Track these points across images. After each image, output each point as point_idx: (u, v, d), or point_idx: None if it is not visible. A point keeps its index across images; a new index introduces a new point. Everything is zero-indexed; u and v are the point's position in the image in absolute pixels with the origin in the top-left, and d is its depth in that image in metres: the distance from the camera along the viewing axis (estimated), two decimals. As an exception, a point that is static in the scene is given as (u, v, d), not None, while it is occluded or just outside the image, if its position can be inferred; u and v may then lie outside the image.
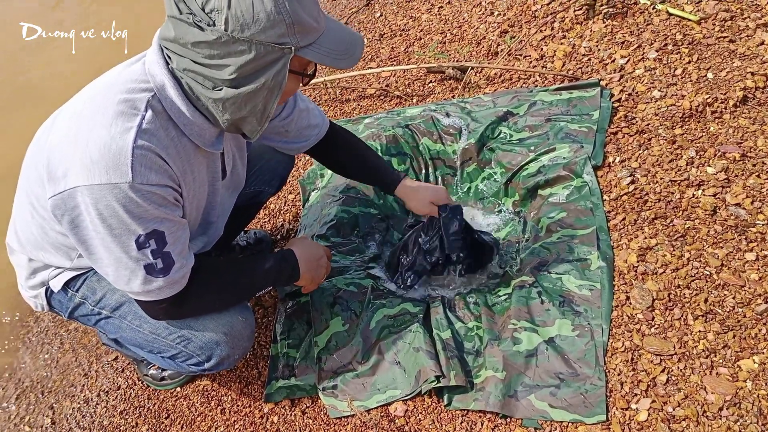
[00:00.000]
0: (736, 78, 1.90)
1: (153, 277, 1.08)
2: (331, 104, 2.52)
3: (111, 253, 1.05)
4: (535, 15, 2.49)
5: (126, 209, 1.00)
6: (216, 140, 1.14)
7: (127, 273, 1.07)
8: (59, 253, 1.23)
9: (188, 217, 1.18)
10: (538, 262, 1.57)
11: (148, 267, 1.07)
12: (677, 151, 1.74)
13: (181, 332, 1.27)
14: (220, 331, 1.27)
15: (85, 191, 0.98)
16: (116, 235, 1.02)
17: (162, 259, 1.07)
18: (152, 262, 1.06)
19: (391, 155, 2.00)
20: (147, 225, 1.03)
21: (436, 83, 2.41)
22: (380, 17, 3.01)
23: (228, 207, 1.38)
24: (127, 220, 1.01)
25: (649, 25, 2.22)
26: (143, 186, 1.00)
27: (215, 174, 1.22)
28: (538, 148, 1.87)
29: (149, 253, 1.06)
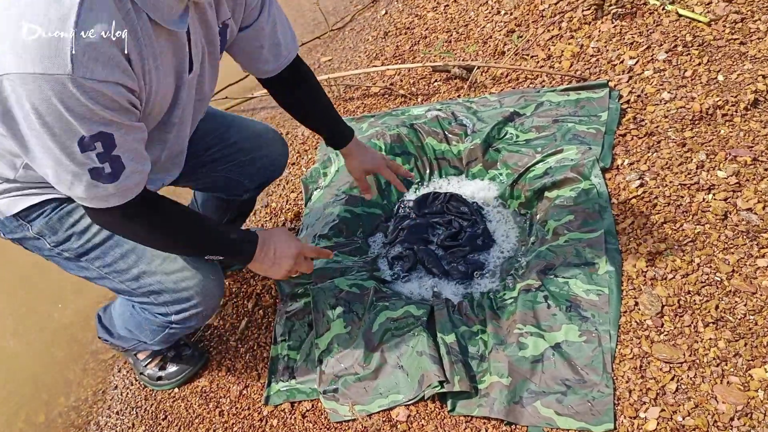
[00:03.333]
0: (747, 80, 1.87)
1: (100, 183, 0.95)
2: (334, 102, 2.48)
3: (50, 154, 0.90)
4: (543, 14, 2.46)
5: (66, 107, 0.84)
6: (179, 18, 0.98)
7: (69, 177, 0.93)
8: (2, 161, 1.10)
9: (150, 111, 1.03)
10: (544, 266, 1.54)
11: (94, 171, 0.93)
12: (687, 154, 1.71)
13: (151, 286, 1.25)
14: (192, 289, 1.26)
15: (16, 80, 0.82)
16: (55, 135, 0.87)
17: (110, 163, 0.94)
18: (99, 166, 0.93)
19: (395, 154, 1.97)
20: (92, 127, 0.88)
21: (441, 82, 2.38)
22: (385, 15, 2.98)
23: (189, 115, 1.19)
24: (67, 119, 0.86)
25: (658, 26, 2.19)
26: (87, 81, 0.83)
27: (182, 64, 1.06)
28: (545, 149, 1.84)
29: (95, 157, 0.92)
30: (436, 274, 1.68)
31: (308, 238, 1.78)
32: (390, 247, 1.78)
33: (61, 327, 1.95)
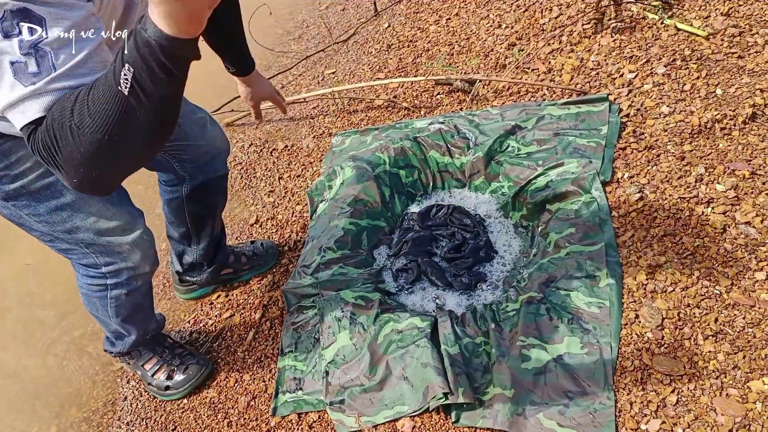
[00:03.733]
0: (745, 94, 1.90)
1: (20, 83, 0.77)
2: (339, 115, 2.52)
3: None
4: (543, 28, 2.50)
5: None
6: None
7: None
8: None
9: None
10: (546, 278, 1.57)
11: (15, 66, 0.78)
12: (686, 167, 1.74)
13: (82, 241, 1.27)
14: (122, 245, 1.30)
15: None
16: None
17: (36, 58, 0.78)
18: (20, 60, 0.77)
19: (399, 167, 2.01)
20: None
21: (444, 95, 2.41)
22: (388, 28, 3.02)
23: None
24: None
25: (657, 40, 2.22)
26: None
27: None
28: (547, 162, 1.87)
29: (16, 46, 0.77)
30: (439, 285, 1.71)
31: (314, 249, 1.81)
32: (394, 259, 1.81)
33: (72, 339, 1.98)
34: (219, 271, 1.87)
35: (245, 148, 2.53)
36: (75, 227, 1.24)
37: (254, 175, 2.37)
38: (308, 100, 2.61)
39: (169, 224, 1.73)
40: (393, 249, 1.85)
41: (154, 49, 0.71)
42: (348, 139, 2.28)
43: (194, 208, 1.67)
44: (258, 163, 2.42)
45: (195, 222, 1.71)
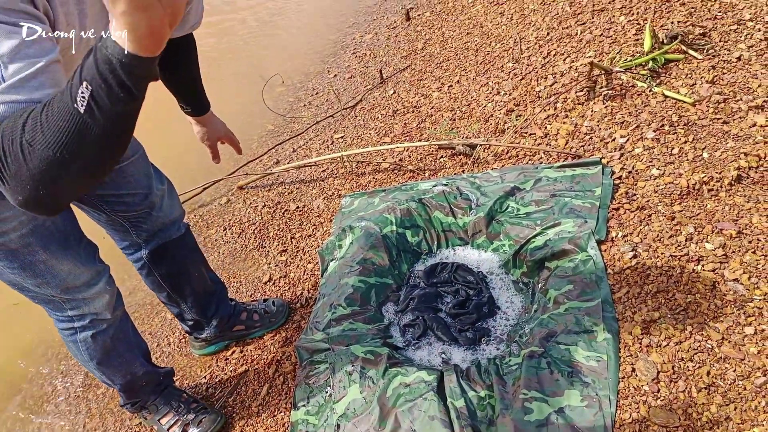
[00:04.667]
0: (731, 158, 2.02)
1: None
2: (347, 177, 2.65)
3: None
4: (539, 95, 2.66)
5: None
6: None
7: None
8: None
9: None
10: (546, 333, 1.65)
11: None
12: (677, 227, 1.84)
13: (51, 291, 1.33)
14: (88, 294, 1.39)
15: None
16: None
17: None
18: None
19: (405, 227, 2.12)
20: None
21: (447, 158, 2.55)
22: (393, 94, 3.20)
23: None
24: None
25: (646, 107, 2.37)
26: None
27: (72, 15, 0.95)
28: (544, 222, 1.98)
29: None
30: (445, 340, 1.79)
31: (325, 306, 1.90)
32: (401, 315, 1.90)
33: (95, 397, 2.04)
34: (227, 326, 1.95)
35: (258, 209, 2.65)
36: (45, 282, 1.33)
37: (267, 235, 2.49)
38: (319, 164, 2.75)
39: (153, 292, 1.80)
40: (400, 305, 1.93)
41: (114, 66, 0.71)
42: (356, 200, 2.41)
43: (162, 270, 1.70)
44: (271, 224, 2.54)
45: (171, 284, 1.75)
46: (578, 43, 2.91)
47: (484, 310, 1.85)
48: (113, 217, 1.53)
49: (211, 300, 1.87)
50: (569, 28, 3.07)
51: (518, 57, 3.03)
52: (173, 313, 1.86)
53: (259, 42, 4.13)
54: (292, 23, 4.26)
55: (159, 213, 1.60)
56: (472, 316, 1.83)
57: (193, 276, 1.78)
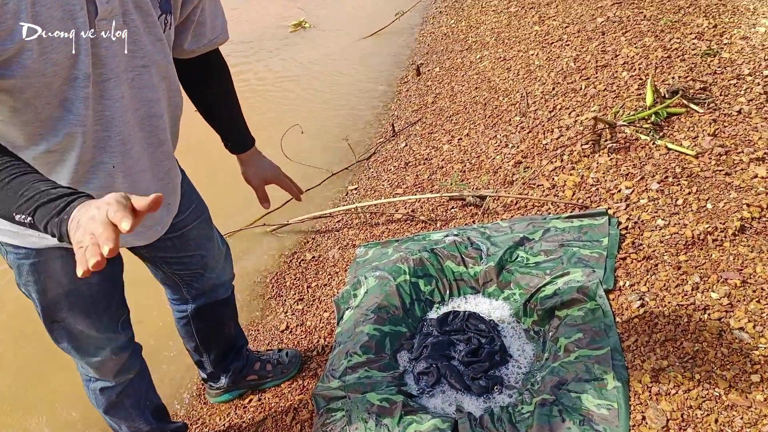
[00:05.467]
0: (734, 208, 2.09)
1: None
2: (361, 227, 2.74)
3: None
4: (546, 148, 2.76)
5: None
6: None
7: None
8: None
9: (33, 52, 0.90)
10: (557, 381, 1.69)
11: None
12: (682, 276, 1.89)
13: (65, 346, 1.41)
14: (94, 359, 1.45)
15: None
16: None
17: None
18: None
19: (418, 277, 2.19)
20: None
21: (457, 209, 2.63)
22: (405, 147, 3.32)
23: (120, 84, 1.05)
24: None
25: (650, 159, 2.45)
26: None
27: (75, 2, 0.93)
28: (554, 271, 2.04)
29: None
30: (458, 388, 1.83)
31: (341, 354, 1.95)
32: (415, 363, 1.94)
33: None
34: (240, 375, 2.00)
35: (275, 258, 2.74)
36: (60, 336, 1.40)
37: (284, 284, 2.56)
38: (334, 215, 2.84)
39: (181, 338, 1.86)
40: (414, 353, 1.98)
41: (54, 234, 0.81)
42: (371, 250, 2.49)
43: (200, 325, 1.77)
44: (287, 273, 2.62)
45: (203, 337, 1.81)
46: (583, 97, 3.03)
47: (496, 359, 1.89)
48: (170, 274, 1.59)
49: (230, 352, 1.93)
50: (574, 83, 3.20)
51: (525, 111, 3.15)
52: (193, 359, 1.92)
53: (278, 93, 4.30)
54: (309, 81, 4.44)
55: (212, 274, 1.65)
56: (485, 365, 1.87)
57: (224, 332, 1.84)
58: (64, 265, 1.26)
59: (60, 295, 1.31)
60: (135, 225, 0.71)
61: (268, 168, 1.64)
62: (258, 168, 1.63)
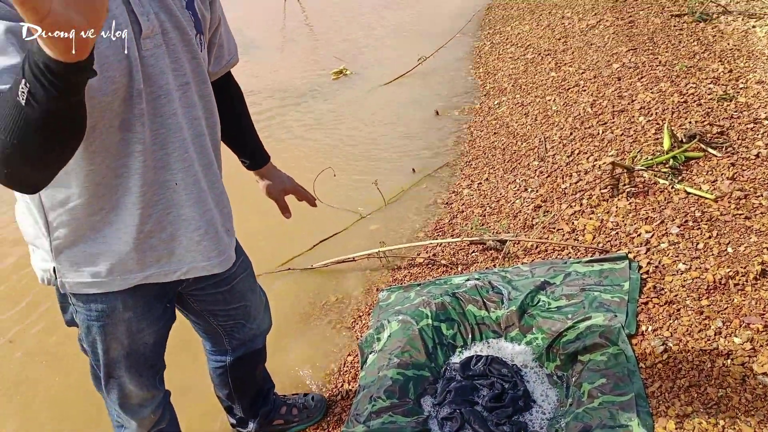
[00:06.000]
0: (754, 252, 2.10)
1: None
2: (383, 270, 2.79)
3: None
4: (565, 192, 2.80)
5: None
6: None
7: None
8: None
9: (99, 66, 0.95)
10: (582, 427, 1.69)
11: None
12: (705, 321, 1.90)
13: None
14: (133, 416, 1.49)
15: None
16: None
17: None
18: None
19: (440, 321, 2.22)
20: None
21: (478, 253, 2.67)
22: (425, 188, 3.38)
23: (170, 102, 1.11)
24: None
25: (669, 203, 2.48)
26: None
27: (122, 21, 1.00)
28: (575, 315, 2.06)
29: None
30: (482, 434, 1.84)
31: (365, 398, 1.98)
32: (439, 408, 1.96)
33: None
34: (266, 420, 2.03)
35: (300, 300, 2.78)
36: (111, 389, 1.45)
37: (308, 326, 2.60)
38: (357, 259, 2.90)
39: (214, 386, 1.90)
40: (437, 398, 2.00)
41: (42, 69, 0.75)
42: (393, 294, 2.53)
43: (237, 375, 1.81)
44: (311, 315, 2.66)
45: (237, 386, 1.85)
46: (600, 142, 3.09)
47: (520, 404, 1.90)
48: (215, 326, 1.63)
49: (258, 397, 1.97)
50: (591, 128, 3.26)
51: (543, 155, 3.21)
52: (223, 405, 1.96)
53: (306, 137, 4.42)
54: (335, 126, 4.56)
55: (253, 324, 1.69)
56: (509, 410, 1.88)
57: (256, 380, 1.88)
58: (128, 327, 1.33)
59: (121, 355, 1.37)
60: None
61: (286, 179, 1.71)
62: (277, 180, 1.69)
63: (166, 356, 1.52)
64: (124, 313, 1.29)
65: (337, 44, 6.26)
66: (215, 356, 1.78)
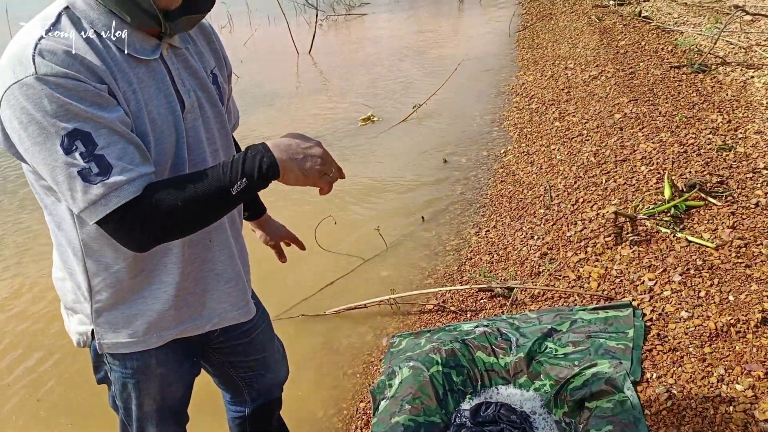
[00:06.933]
0: (754, 300, 2.16)
1: (91, 183, 0.99)
2: (393, 316, 2.86)
3: (42, 161, 0.99)
4: (570, 240, 2.89)
5: (39, 107, 0.95)
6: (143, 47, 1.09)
7: (66, 182, 0.99)
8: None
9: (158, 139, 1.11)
10: (589, 474, 1.73)
11: (83, 172, 0.98)
12: (708, 368, 1.96)
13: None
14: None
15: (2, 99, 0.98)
16: (39, 143, 0.97)
17: (95, 162, 0.98)
18: (85, 166, 0.98)
19: (450, 367, 2.28)
20: (66, 125, 0.96)
21: (486, 300, 2.75)
22: (434, 236, 3.48)
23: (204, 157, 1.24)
24: (43, 122, 0.96)
25: (671, 251, 2.56)
26: (49, 77, 0.95)
27: (170, 98, 1.14)
28: (582, 362, 2.12)
29: (78, 157, 0.97)
30: (492, 481, 1.88)
31: (377, 445, 2.03)
32: (449, 454, 2.00)
33: None
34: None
35: (312, 346, 2.85)
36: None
37: (321, 371, 2.66)
38: (369, 306, 2.97)
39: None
40: (448, 444, 2.05)
41: (265, 180, 1.05)
42: (404, 341, 2.59)
43: (255, 425, 1.84)
44: (324, 361, 2.72)
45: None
46: (603, 191, 3.19)
47: (528, 450, 1.94)
48: (235, 377, 1.68)
49: None
50: (595, 177, 3.37)
51: (549, 204, 3.31)
52: None
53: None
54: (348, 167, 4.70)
55: (271, 374, 1.74)
56: (518, 456, 1.92)
57: (273, 428, 1.91)
58: (161, 382, 1.40)
59: (153, 409, 1.44)
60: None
61: (281, 227, 1.80)
62: (274, 228, 1.78)
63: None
64: (157, 369, 1.36)
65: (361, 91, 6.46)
66: (234, 407, 1.83)
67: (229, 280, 1.35)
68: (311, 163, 1.09)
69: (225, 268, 1.34)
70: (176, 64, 1.17)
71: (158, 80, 1.12)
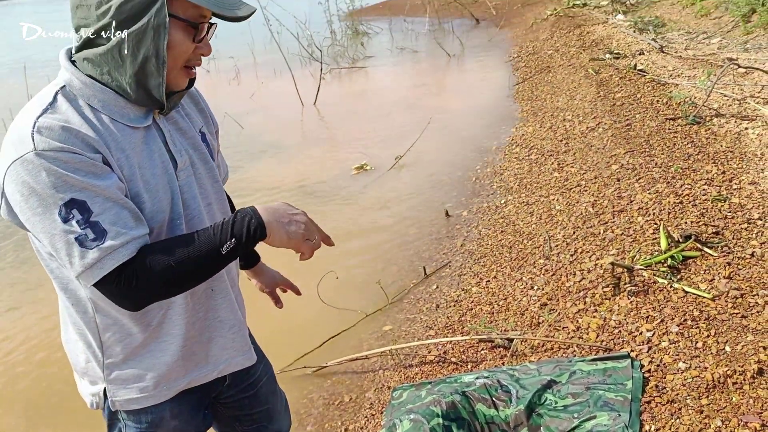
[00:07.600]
0: (751, 351, 2.18)
1: (87, 248, 1.06)
2: (395, 368, 2.88)
3: (45, 232, 1.07)
4: (569, 290, 2.93)
5: (38, 180, 1.03)
6: (137, 116, 1.17)
7: (64, 249, 1.07)
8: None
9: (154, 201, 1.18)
10: None
11: (80, 239, 1.06)
12: (705, 420, 1.97)
13: None
14: None
15: (1, 177, 1.06)
16: (40, 213, 1.05)
17: (91, 228, 1.06)
18: (82, 232, 1.06)
19: (450, 419, 2.29)
20: (63, 195, 1.04)
21: (487, 351, 2.77)
22: (436, 289, 3.52)
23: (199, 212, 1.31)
24: (42, 194, 1.03)
25: (668, 302, 2.59)
26: (47, 152, 1.02)
27: (163, 157, 1.22)
28: (581, 415, 2.13)
29: (75, 224, 1.05)
30: None
31: (377, 500, 2.02)
32: None
33: None
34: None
35: (314, 400, 2.87)
36: None
37: (323, 426, 2.67)
38: (370, 357, 3.00)
39: None
40: (448, 499, 2.04)
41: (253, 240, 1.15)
42: (405, 392, 2.61)
43: None
44: (325, 416, 2.73)
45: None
46: (602, 241, 3.24)
47: (528, 505, 1.94)
48: (238, 430, 1.69)
49: None
50: (593, 227, 3.43)
51: (548, 254, 3.36)
52: None
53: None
54: (339, 223, 4.79)
55: (274, 426, 1.76)
56: None
57: None
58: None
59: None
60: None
61: (276, 273, 1.83)
62: (269, 275, 1.81)
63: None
64: (171, 422, 1.40)
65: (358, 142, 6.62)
66: None
67: (232, 326, 1.41)
68: (296, 227, 1.19)
69: (227, 315, 1.40)
70: (168, 127, 1.26)
71: (151, 144, 1.20)
